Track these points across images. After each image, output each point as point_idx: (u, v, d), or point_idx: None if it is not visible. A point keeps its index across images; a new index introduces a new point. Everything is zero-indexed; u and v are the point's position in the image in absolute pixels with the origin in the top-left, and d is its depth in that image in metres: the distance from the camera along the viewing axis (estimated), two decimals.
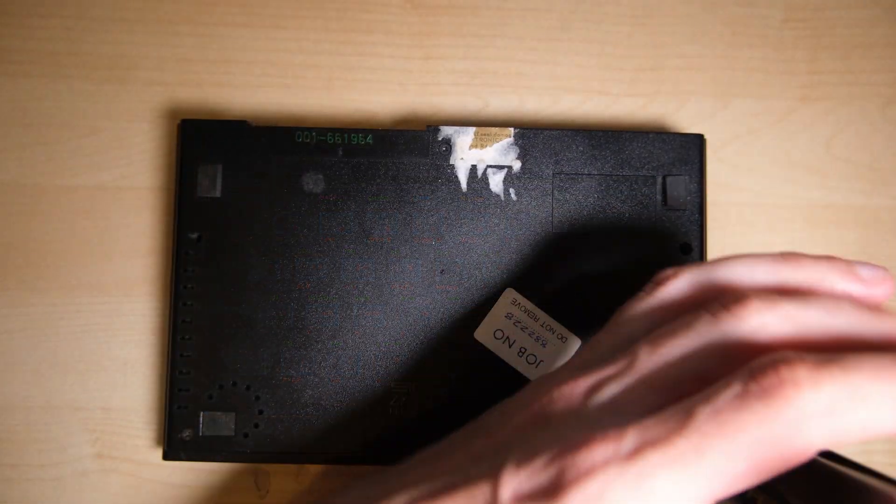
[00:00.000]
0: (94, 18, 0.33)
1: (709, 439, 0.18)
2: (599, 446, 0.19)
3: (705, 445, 0.18)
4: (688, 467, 0.18)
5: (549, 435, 0.21)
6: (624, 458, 0.18)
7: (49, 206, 0.32)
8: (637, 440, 0.19)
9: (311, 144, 0.31)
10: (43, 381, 0.31)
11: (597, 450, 0.19)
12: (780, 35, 0.34)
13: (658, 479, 0.18)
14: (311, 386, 0.30)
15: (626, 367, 0.21)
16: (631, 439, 0.19)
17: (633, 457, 0.18)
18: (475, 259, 0.30)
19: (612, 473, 0.18)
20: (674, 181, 0.31)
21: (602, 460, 0.19)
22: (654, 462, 0.18)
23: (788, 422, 0.18)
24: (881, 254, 0.33)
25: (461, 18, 0.34)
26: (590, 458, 0.19)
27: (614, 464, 0.18)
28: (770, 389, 0.18)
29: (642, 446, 0.18)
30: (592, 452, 0.19)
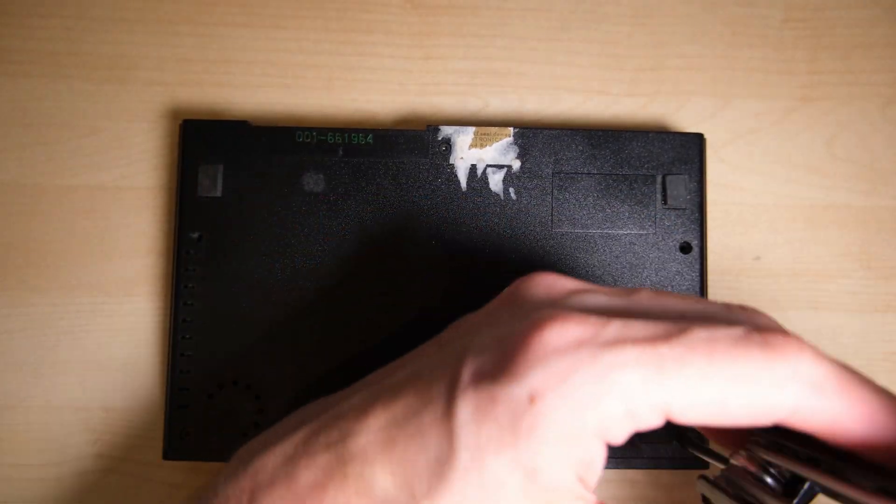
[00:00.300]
0: (94, 18, 0.33)
1: (693, 354, 0.17)
2: (576, 326, 0.18)
3: (688, 358, 0.17)
4: (662, 372, 0.17)
5: (519, 315, 0.20)
6: (599, 345, 0.18)
7: (49, 206, 0.32)
8: (619, 333, 0.18)
9: (311, 144, 0.31)
10: (43, 381, 0.31)
11: (571, 329, 0.18)
12: (780, 35, 0.34)
13: (627, 375, 0.17)
14: (311, 385, 0.30)
15: (622, 292, 0.20)
16: (613, 330, 0.18)
17: (609, 345, 0.18)
18: (475, 258, 0.30)
19: (583, 356, 0.18)
20: (674, 180, 0.31)
21: (575, 340, 0.18)
22: (630, 357, 0.17)
23: (776, 376, 0.17)
24: (881, 254, 0.33)
25: (461, 18, 0.34)
26: (561, 336, 0.18)
27: (587, 348, 0.18)
28: (773, 342, 0.18)
29: (623, 339, 0.18)
30: (565, 330, 0.18)
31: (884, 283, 0.33)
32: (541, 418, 0.17)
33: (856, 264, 0.33)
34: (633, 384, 0.17)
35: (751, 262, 0.33)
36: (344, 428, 0.20)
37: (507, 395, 0.18)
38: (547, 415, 0.17)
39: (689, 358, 0.17)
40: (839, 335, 0.32)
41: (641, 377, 0.17)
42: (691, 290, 0.30)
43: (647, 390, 0.17)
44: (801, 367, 0.17)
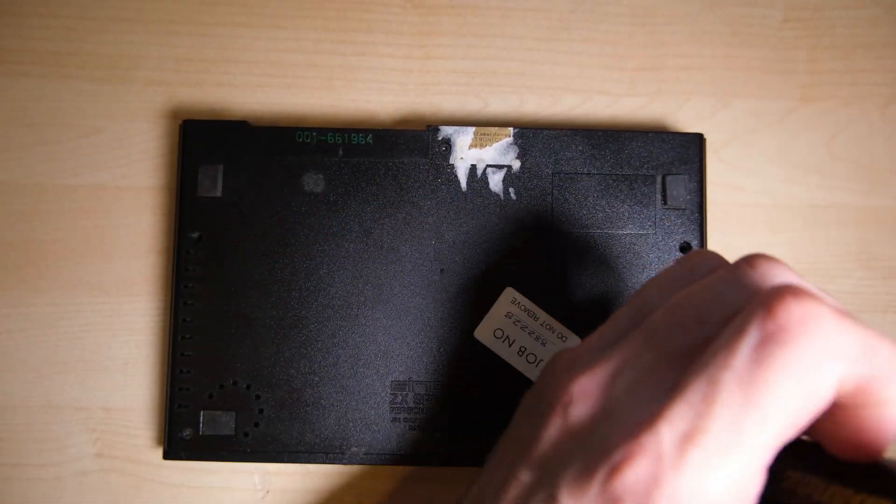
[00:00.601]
0: (94, 18, 0.33)
1: (740, 410, 0.17)
2: (640, 460, 0.18)
3: (739, 420, 0.17)
4: (730, 449, 0.17)
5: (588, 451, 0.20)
6: (671, 469, 0.18)
7: (49, 206, 0.32)
8: (672, 438, 0.18)
9: (311, 144, 0.31)
10: (43, 381, 0.31)
11: (640, 465, 0.18)
12: (780, 35, 0.34)
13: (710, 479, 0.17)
14: (311, 385, 0.30)
15: (644, 342, 0.20)
16: (667, 438, 0.18)
17: (678, 463, 0.18)
18: (475, 258, 0.30)
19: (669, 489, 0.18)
20: (674, 180, 0.31)
21: (651, 476, 0.18)
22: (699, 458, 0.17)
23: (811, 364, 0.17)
24: (881, 254, 0.33)
25: (461, 18, 0.34)
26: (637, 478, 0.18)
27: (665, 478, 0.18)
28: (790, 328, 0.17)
29: (681, 445, 0.18)
30: (637, 470, 0.18)
31: (884, 283, 0.33)
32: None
33: (856, 264, 0.33)
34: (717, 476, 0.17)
35: None
36: None
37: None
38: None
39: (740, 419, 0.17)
40: None
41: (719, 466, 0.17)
42: None
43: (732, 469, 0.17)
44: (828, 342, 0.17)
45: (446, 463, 0.30)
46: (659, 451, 0.18)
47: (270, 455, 0.30)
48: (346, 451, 0.30)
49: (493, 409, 0.30)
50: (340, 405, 0.30)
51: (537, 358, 0.30)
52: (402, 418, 0.30)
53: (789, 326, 0.17)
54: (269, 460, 0.30)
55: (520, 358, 0.30)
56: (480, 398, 0.30)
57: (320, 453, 0.30)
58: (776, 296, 0.18)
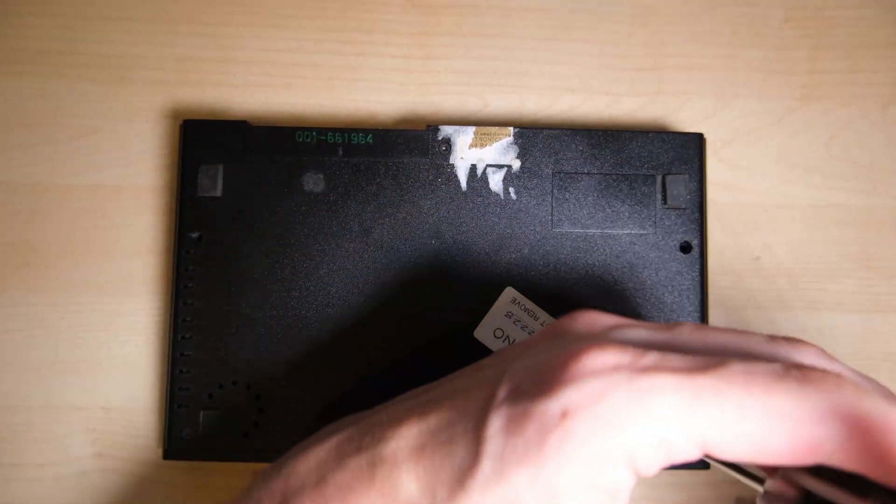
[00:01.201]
0: (94, 18, 0.33)
1: (731, 387, 0.17)
2: (614, 352, 0.18)
3: (725, 390, 0.17)
4: (698, 400, 0.17)
5: (559, 343, 0.20)
6: (637, 370, 0.18)
7: (49, 206, 0.32)
8: (656, 361, 0.18)
9: (311, 144, 0.31)
10: (43, 380, 0.31)
11: (610, 354, 0.18)
12: (781, 35, 0.34)
13: (664, 401, 0.17)
14: (311, 385, 0.30)
15: (663, 327, 0.20)
16: (651, 358, 0.18)
17: (646, 370, 0.18)
18: (475, 258, 0.30)
19: (620, 378, 0.17)
20: (673, 180, 0.31)
21: (612, 364, 0.18)
22: (667, 383, 0.17)
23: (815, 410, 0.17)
24: (881, 254, 0.33)
25: (461, 18, 0.34)
26: (599, 360, 0.18)
27: (625, 371, 0.18)
28: (811, 377, 0.17)
29: (660, 367, 0.18)
30: (604, 355, 0.18)
31: (884, 283, 0.33)
32: (569, 435, 0.17)
33: (856, 264, 0.33)
34: (669, 411, 0.17)
35: (751, 262, 0.33)
36: (377, 434, 0.20)
37: (540, 410, 0.18)
38: (576, 432, 0.17)
39: (726, 389, 0.17)
40: (839, 335, 0.32)
41: (677, 405, 0.17)
42: (691, 291, 0.30)
43: (683, 419, 0.17)
44: (842, 398, 0.17)
45: None
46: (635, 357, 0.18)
47: (270, 455, 0.30)
48: None
49: None
50: (340, 405, 0.30)
51: None
52: None
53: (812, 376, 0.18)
54: (269, 460, 0.30)
55: None
56: None
57: None
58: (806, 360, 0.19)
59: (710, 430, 0.17)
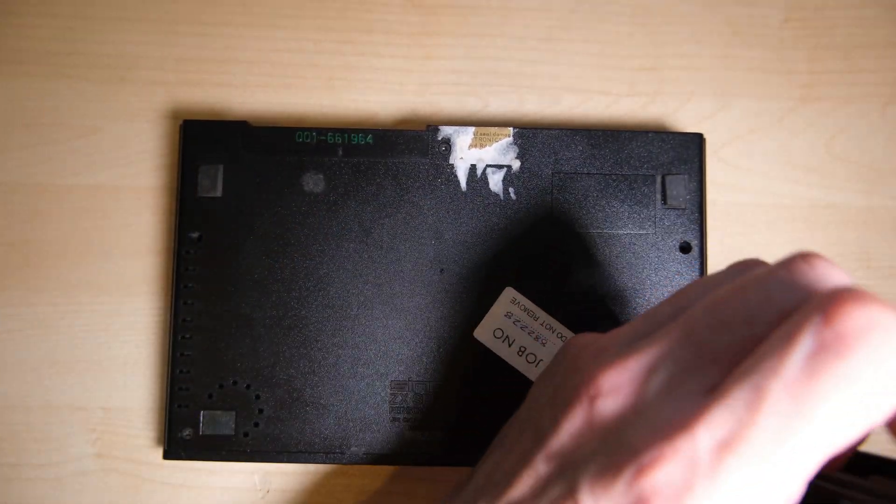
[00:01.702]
0: (94, 18, 0.33)
1: (785, 421, 0.16)
2: (673, 463, 0.17)
3: (783, 430, 0.16)
4: (770, 459, 0.16)
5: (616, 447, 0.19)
6: (705, 476, 0.17)
7: (49, 206, 0.32)
8: (710, 444, 0.17)
9: (311, 144, 0.31)
10: (43, 381, 0.31)
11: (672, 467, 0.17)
12: (780, 35, 0.34)
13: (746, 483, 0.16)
14: (311, 385, 0.30)
15: (683, 338, 0.19)
16: (703, 444, 0.17)
17: (713, 471, 0.17)
18: (475, 258, 0.30)
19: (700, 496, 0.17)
20: (673, 180, 0.31)
21: (682, 481, 0.17)
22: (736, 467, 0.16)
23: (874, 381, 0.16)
24: (881, 254, 0.33)
25: (461, 18, 0.34)
26: (668, 480, 0.17)
27: (698, 485, 0.17)
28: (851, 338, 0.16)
29: (719, 452, 0.17)
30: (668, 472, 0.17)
31: (884, 283, 0.33)
32: None
33: (856, 264, 0.33)
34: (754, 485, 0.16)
35: None
36: None
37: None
38: None
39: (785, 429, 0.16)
40: None
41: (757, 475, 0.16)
42: None
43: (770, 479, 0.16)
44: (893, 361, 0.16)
45: (446, 463, 0.30)
46: (694, 456, 0.17)
47: (270, 455, 0.30)
48: (346, 451, 0.30)
49: (493, 409, 0.30)
50: (340, 405, 0.30)
51: (537, 358, 0.30)
52: (402, 418, 0.30)
53: (849, 335, 0.16)
54: (269, 460, 0.30)
55: (520, 358, 0.30)
56: (480, 398, 0.30)
57: (320, 453, 0.30)
58: (836, 299, 0.16)
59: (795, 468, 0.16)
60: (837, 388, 0.16)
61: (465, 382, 0.30)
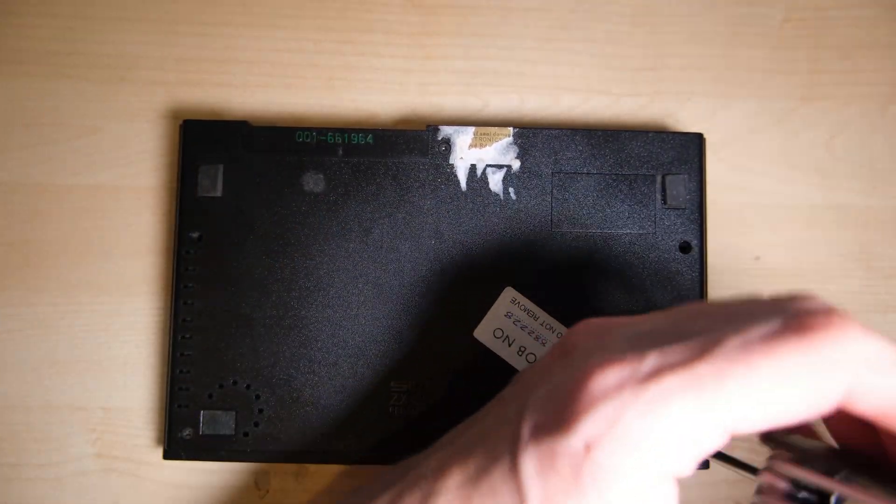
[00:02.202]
0: (94, 18, 0.33)
1: (731, 365, 0.17)
2: (615, 368, 0.18)
3: (727, 371, 0.17)
4: (704, 392, 0.17)
5: (569, 366, 0.20)
6: (639, 381, 0.17)
7: (49, 206, 0.32)
8: (655, 363, 0.18)
9: (311, 144, 0.31)
10: (43, 381, 0.31)
11: (611, 372, 0.18)
12: (781, 35, 0.34)
13: (673, 404, 0.17)
14: (310, 385, 0.30)
15: (663, 316, 0.20)
16: (650, 362, 0.18)
17: (648, 379, 0.17)
18: (475, 258, 0.30)
19: (626, 397, 0.17)
20: (673, 180, 0.31)
21: (616, 383, 0.18)
22: (670, 385, 0.17)
23: (824, 362, 0.17)
24: (881, 254, 0.33)
25: (461, 18, 0.34)
26: (603, 382, 0.18)
27: (629, 387, 0.18)
28: (814, 325, 0.17)
29: (660, 369, 0.17)
30: (607, 375, 0.18)
31: (884, 282, 0.33)
32: (599, 467, 0.17)
33: (856, 264, 0.33)
34: (682, 411, 0.17)
35: (751, 262, 0.33)
36: (425, 488, 0.21)
37: (564, 447, 0.18)
38: (604, 461, 0.17)
39: (728, 370, 0.17)
40: None
41: (687, 403, 0.17)
42: (691, 291, 0.30)
43: (698, 413, 0.17)
44: (849, 346, 0.17)
45: None
46: (636, 367, 0.18)
47: (270, 455, 0.30)
48: (346, 451, 0.30)
49: None
50: (340, 405, 0.30)
51: (537, 357, 0.30)
52: (403, 418, 0.30)
53: (811, 324, 0.17)
54: (269, 460, 0.30)
55: (520, 358, 0.30)
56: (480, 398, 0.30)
57: (320, 453, 0.30)
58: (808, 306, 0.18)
59: (726, 413, 0.17)
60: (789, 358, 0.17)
61: (465, 382, 0.30)
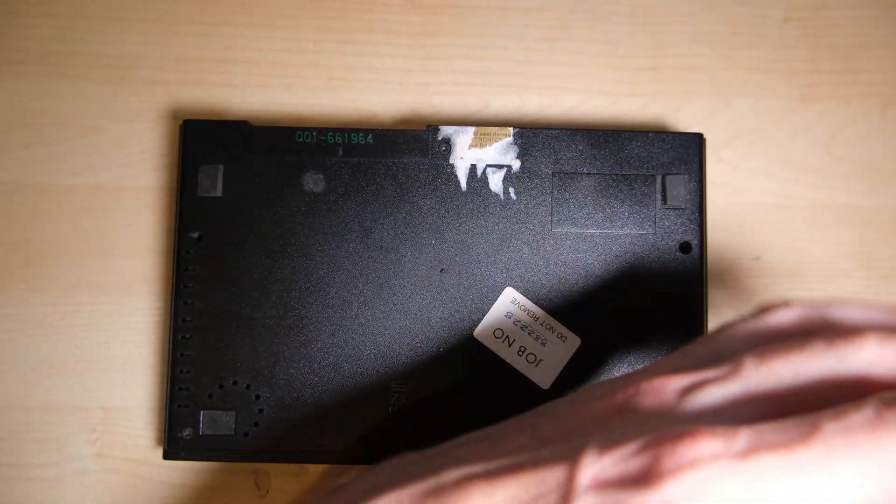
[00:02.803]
0: (94, 18, 0.33)
1: (837, 453, 0.17)
2: (707, 440, 0.17)
3: (833, 459, 0.17)
4: (811, 477, 0.17)
5: (638, 425, 0.19)
6: (736, 456, 0.17)
7: (49, 206, 0.32)
8: (752, 441, 0.17)
9: (311, 144, 0.31)
10: (43, 381, 0.31)
11: (704, 443, 0.17)
12: (780, 35, 0.34)
13: (778, 483, 0.17)
14: (311, 385, 0.30)
15: (730, 373, 0.19)
16: (744, 440, 0.17)
17: (747, 455, 0.17)
18: (475, 258, 0.30)
19: (723, 468, 0.17)
20: (673, 180, 0.31)
21: (710, 454, 0.17)
22: (772, 465, 0.17)
23: None
24: (881, 254, 0.33)
25: (461, 18, 0.34)
26: (695, 451, 0.17)
27: (725, 459, 0.17)
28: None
29: (759, 448, 0.17)
30: (698, 445, 0.17)
31: (884, 282, 0.33)
32: None
33: (856, 264, 0.33)
34: (782, 492, 0.17)
35: (751, 262, 0.33)
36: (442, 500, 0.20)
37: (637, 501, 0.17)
38: None
39: (832, 456, 0.17)
40: None
41: (788, 484, 0.17)
42: (691, 291, 0.30)
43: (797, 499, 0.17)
44: None
45: None
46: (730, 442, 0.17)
47: (270, 455, 0.30)
48: (346, 451, 0.30)
49: (493, 409, 0.30)
50: (340, 405, 0.30)
51: (537, 358, 0.30)
52: (403, 418, 0.30)
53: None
54: (269, 460, 0.30)
55: (520, 358, 0.30)
56: (480, 398, 0.30)
57: (320, 453, 0.30)
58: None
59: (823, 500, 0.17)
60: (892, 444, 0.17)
61: (465, 382, 0.30)
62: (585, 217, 0.31)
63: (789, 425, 0.17)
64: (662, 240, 0.31)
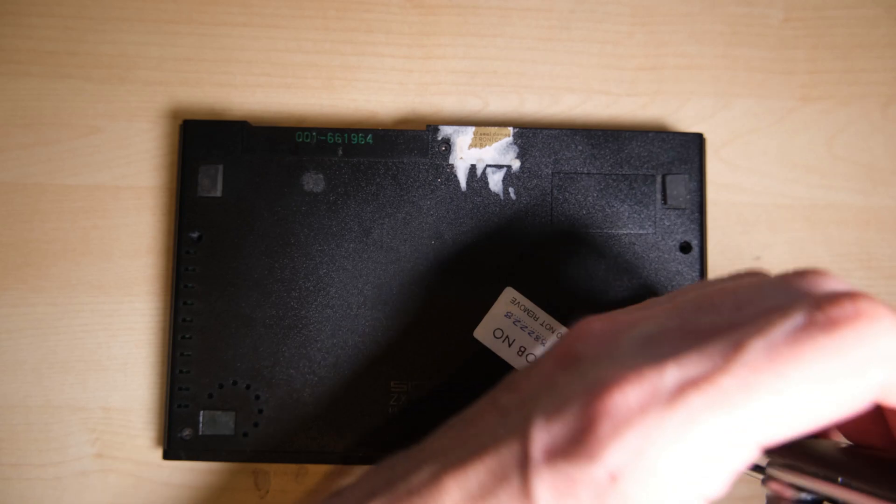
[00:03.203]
0: (94, 18, 0.33)
1: (758, 375, 0.16)
2: (634, 387, 0.17)
3: (754, 382, 0.16)
4: (734, 409, 0.16)
5: (578, 378, 0.18)
6: (663, 403, 0.16)
7: (49, 206, 0.32)
8: (677, 378, 0.16)
9: (311, 144, 0.31)
10: (43, 380, 0.31)
11: (631, 391, 0.17)
12: (780, 35, 0.34)
13: (702, 426, 0.16)
14: (310, 385, 0.30)
15: (669, 312, 0.19)
16: (670, 377, 0.17)
17: (673, 400, 0.16)
18: (475, 258, 0.30)
19: (652, 423, 0.16)
20: (673, 180, 0.31)
21: (639, 404, 0.17)
22: (697, 405, 0.16)
23: (858, 362, 0.16)
24: (881, 254, 0.33)
25: (461, 18, 0.34)
26: (624, 402, 0.17)
27: (654, 410, 0.16)
28: (841, 320, 0.16)
29: (683, 386, 0.16)
30: (626, 394, 0.17)
31: (884, 282, 0.32)
32: (627, 497, 0.16)
33: (856, 264, 0.33)
34: (712, 432, 0.16)
35: (751, 262, 0.33)
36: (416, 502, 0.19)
37: (586, 476, 0.17)
38: (633, 493, 0.16)
39: (755, 381, 0.16)
40: None
41: (717, 422, 0.16)
42: None
43: (729, 433, 0.16)
44: (883, 341, 0.16)
45: None
46: (657, 385, 0.17)
47: (270, 455, 0.30)
48: (346, 451, 0.30)
49: None
50: (340, 405, 0.30)
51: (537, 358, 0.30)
52: (402, 418, 0.30)
53: (839, 319, 0.16)
54: (269, 460, 0.30)
55: (520, 358, 0.30)
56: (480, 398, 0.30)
57: (320, 453, 0.30)
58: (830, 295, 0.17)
59: (758, 428, 0.16)
60: (819, 359, 0.16)
61: (465, 382, 0.30)
62: (585, 217, 0.31)
63: (714, 348, 0.17)
64: (662, 239, 0.31)
